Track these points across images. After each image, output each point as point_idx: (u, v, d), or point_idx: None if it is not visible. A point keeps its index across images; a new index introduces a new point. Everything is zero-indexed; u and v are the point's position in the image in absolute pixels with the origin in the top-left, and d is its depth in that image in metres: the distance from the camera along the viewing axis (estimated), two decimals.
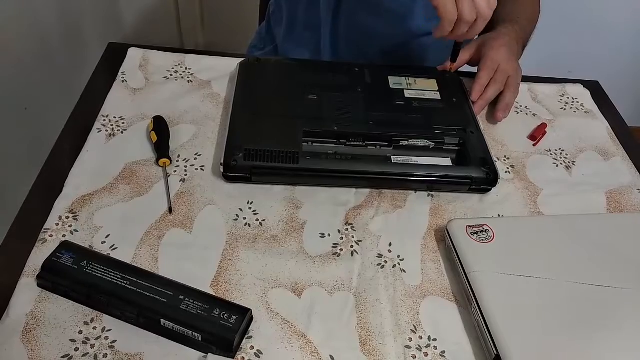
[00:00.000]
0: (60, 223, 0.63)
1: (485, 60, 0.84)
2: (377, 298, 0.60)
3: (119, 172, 0.69)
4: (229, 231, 0.64)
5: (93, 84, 0.83)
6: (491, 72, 0.84)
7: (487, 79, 0.84)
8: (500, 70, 0.84)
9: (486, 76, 0.83)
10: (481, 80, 0.83)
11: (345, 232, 0.66)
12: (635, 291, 0.60)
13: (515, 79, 0.85)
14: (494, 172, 0.71)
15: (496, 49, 0.85)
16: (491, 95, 0.83)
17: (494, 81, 0.83)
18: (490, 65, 0.84)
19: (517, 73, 0.86)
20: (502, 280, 0.59)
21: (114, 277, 0.55)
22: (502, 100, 0.84)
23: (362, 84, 0.81)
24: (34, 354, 0.52)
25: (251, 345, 0.55)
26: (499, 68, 0.84)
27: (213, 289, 0.59)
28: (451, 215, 0.69)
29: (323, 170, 0.70)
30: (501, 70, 0.84)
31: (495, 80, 0.83)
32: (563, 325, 0.56)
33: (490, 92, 0.83)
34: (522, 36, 0.92)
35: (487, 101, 0.83)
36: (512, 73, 0.84)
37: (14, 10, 1.33)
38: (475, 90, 0.83)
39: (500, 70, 0.84)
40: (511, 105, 0.84)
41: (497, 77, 0.84)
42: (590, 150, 0.83)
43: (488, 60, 0.84)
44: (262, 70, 0.82)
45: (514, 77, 0.85)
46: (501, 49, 0.85)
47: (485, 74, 0.83)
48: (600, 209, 0.74)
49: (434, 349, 0.56)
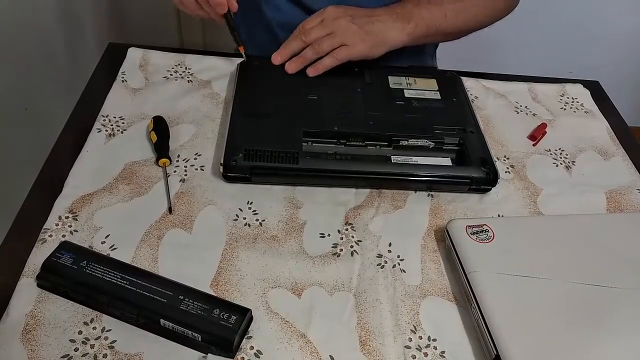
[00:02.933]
0: (60, 223, 0.63)
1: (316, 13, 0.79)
2: (377, 298, 0.60)
3: (118, 172, 0.69)
4: (229, 231, 0.64)
5: (93, 84, 0.83)
6: (311, 23, 0.79)
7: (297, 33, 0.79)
8: (324, 25, 0.78)
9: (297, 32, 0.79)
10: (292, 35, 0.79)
11: (345, 232, 0.66)
12: (635, 291, 0.59)
13: (346, 49, 0.78)
14: (493, 172, 0.71)
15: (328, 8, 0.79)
16: (292, 51, 0.79)
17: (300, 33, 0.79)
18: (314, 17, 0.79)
19: (354, 44, 0.78)
20: (502, 280, 0.59)
21: (114, 277, 0.55)
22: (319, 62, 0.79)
23: (362, 84, 0.81)
24: (34, 354, 0.52)
25: (251, 345, 0.55)
26: (324, 23, 0.78)
27: (213, 289, 0.59)
28: (451, 215, 0.69)
29: (323, 170, 0.69)
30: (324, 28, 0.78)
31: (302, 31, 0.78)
32: (563, 325, 0.56)
33: (293, 46, 0.79)
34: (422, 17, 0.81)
35: (287, 57, 0.80)
36: (347, 41, 0.78)
37: (13, 10, 1.33)
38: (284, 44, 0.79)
39: (324, 26, 0.78)
40: (324, 69, 0.79)
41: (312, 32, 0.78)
42: (590, 150, 0.83)
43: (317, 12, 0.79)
44: (262, 70, 0.82)
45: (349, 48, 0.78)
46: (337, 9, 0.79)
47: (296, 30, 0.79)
48: (600, 209, 0.74)
49: (434, 349, 0.56)
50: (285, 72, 0.83)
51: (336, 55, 0.78)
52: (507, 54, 1.78)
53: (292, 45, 0.80)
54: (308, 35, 0.78)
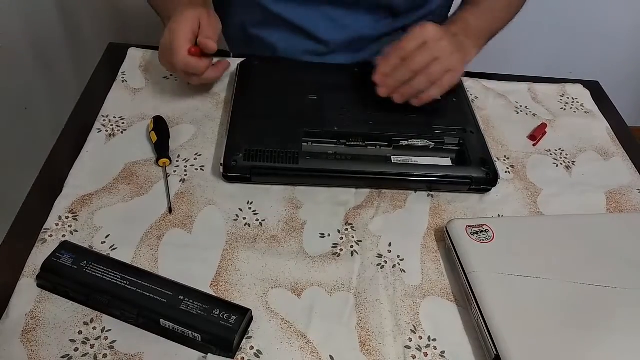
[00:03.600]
0: (60, 223, 0.63)
1: (414, 32, 0.70)
2: (377, 298, 0.60)
3: (118, 172, 0.69)
4: (229, 231, 0.64)
5: (93, 84, 0.83)
6: (413, 45, 0.69)
7: (397, 58, 0.69)
8: (429, 48, 0.69)
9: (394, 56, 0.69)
10: (390, 59, 0.69)
11: (345, 232, 0.66)
12: (635, 291, 0.59)
13: (451, 76, 0.71)
14: (493, 172, 0.71)
15: (424, 27, 0.70)
16: (399, 81, 0.71)
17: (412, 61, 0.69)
18: (415, 37, 0.69)
19: (456, 69, 0.72)
20: (502, 280, 0.59)
21: (114, 277, 0.55)
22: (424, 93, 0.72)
23: (362, 84, 0.81)
24: (34, 354, 0.52)
25: (251, 345, 0.55)
26: (428, 46, 0.69)
27: (213, 289, 0.59)
28: (451, 215, 0.69)
29: (323, 171, 0.69)
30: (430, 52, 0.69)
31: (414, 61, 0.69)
32: (563, 325, 0.56)
33: (400, 76, 0.70)
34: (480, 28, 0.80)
35: (393, 89, 0.71)
36: (451, 66, 0.71)
37: (14, 10, 1.33)
38: (379, 70, 0.71)
39: (429, 49, 0.69)
40: (429, 99, 0.73)
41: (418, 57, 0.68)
42: (590, 150, 0.83)
43: (417, 32, 0.70)
44: (262, 71, 0.82)
45: (452, 73, 0.71)
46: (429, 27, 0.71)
47: (395, 53, 0.69)
48: (600, 209, 0.74)
49: (434, 349, 0.56)
50: (285, 72, 0.83)
51: (443, 85, 0.71)
52: (507, 54, 1.77)
53: (398, 76, 0.70)
54: (413, 62, 0.69)
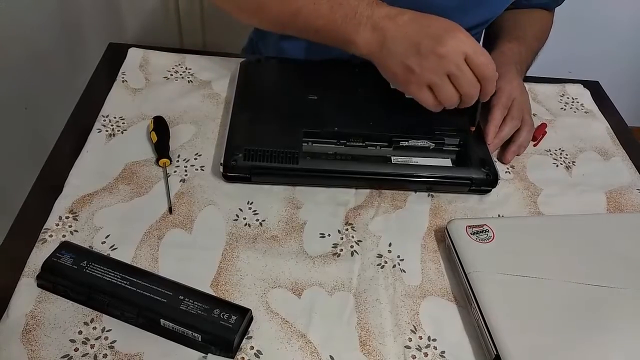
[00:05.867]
0: (60, 223, 0.63)
1: (500, 96, 0.77)
2: (377, 298, 0.60)
3: (119, 172, 0.69)
4: (229, 231, 0.64)
5: (93, 84, 0.83)
6: (505, 109, 0.78)
7: (501, 117, 0.77)
8: (515, 105, 0.78)
9: (501, 115, 0.77)
10: (495, 120, 0.76)
11: (345, 232, 0.66)
12: (635, 291, 0.60)
13: (530, 114, 0.80)
14: (494, 172, 0.71)
15: (509, 81, 0.78)
16: (507, 133, 0.77)
17: (510, 117, 0.77)
18: (504, 102, 0.77)
19: (529, 106, 0.81)
20: (502, 280, 0.59)
21: (114, 277, 0.55)
22: (516, 140, 0.78)
23: (362, 84, 0.81)
24: (34, 354, 0.52)
25: (251, 345, 0.55)
26: (514, 103, 0.78)
27: (213, 289, 0.59)
28: (451, 216, 0.69)
29: (323, 171, 0.69)
30: (517, 106, 0.78)
31: (512, 117, 0.77)
32: (563, 325, 0.56)
33: (507, 130, 0.77)
34: (527, 58, 0.87)
35: (502, 140, 0.78)
36: (526, 107, 0.80)
37: (14, 9, 1.33)
38: (490, 132, 0.76)
39: (516, 105, 0.78)
40: (526, 145, 0.79)
41: (514, 114, 0.77)
42: (590, 150, 0.83)
43: (503, 97, 0.77)
44: (262, 70, 0.82)
45: (528, 111, 0.80)
46: (514, 82, 0.79)
47: (499, 112, 0.77)
48: (600, 209, 0.74)
49: (434, 349, 0.56)
50: (285, 72, 0.83)
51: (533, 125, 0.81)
52: None
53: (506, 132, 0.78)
54: (512, 115, 0.78)
